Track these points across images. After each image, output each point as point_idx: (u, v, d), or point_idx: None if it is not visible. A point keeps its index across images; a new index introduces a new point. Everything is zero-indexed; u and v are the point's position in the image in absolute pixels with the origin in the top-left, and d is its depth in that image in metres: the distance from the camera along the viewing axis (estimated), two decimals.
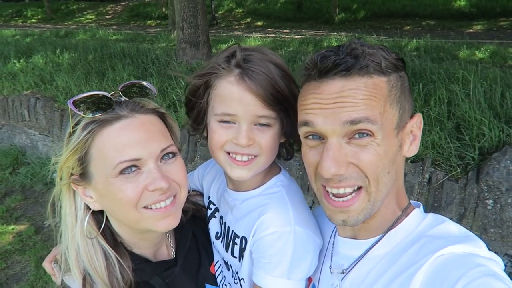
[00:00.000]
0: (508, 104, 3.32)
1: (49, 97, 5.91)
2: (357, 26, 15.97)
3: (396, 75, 0.83)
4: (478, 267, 0.71)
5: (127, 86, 1.00)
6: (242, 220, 1.08)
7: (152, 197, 0.95)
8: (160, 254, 1.13)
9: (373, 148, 0.80)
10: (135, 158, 0.92)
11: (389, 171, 0.83)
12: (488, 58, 7.29)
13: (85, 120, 0.94)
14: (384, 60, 0.80)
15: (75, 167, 0.96)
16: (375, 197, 0.83)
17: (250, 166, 1.00)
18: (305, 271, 1.00)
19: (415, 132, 0.88)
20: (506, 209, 2.72)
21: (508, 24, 14.07)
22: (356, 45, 0.82)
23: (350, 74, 0.79)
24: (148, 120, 0.97)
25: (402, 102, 0.83)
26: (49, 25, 21.33)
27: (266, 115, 0.96)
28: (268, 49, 1.05)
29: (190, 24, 6.76)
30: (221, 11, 21.87)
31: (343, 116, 0.78)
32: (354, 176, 0.81)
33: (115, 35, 12.67)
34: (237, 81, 0.94)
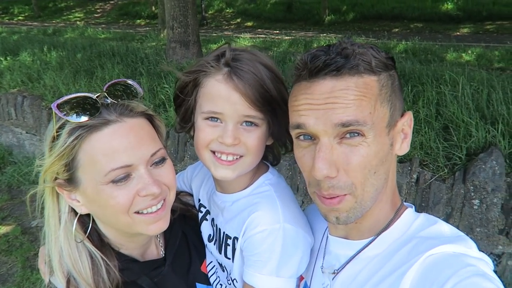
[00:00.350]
0: (494, 106, 3.38)
1: (37, 95, 5.83)
2: (346, 27, 16.10)
3: (387, 74, 0.83)
4: (468, 267, 0.71)
5: (113, 85, 0.98)
6: (232, 221, 1.08)
7: (144, 202, 0.94)
8: (148, 253, 1.11)
9: (363, 148, 0.80)
10: (126, 165, 0.90)
11: (376, 172, 0.82)
12: (474, 60, 7.42)
13: (71, 125, 0.90)
14: (374, 59, 0.80)
15: (61, 172, 0.93)
16: (362, 198, 0.84)
17: (234, 166, 1.00)
18: (294, 268, 1.01)
19: (406, 130, 0.88)
20: (492, 209, 2.77)
21: (494, 27, 14.33)
22: (347, 44, 0.82)
23: (341, 74, 0.79)
24: (137, 124, 0.95)
25: (393, 100, 0.83)
26: (37, 23, 21.02)
27: (253, 115, 0.95)
28: (258, 50, 1.05)
29: (180, 23, 6.73)
30: (211, 11, 21.82)
31: (334, 118, 0.78)
32: (341, 185, 0.82)
33: (104, 33, 12.55)
34: (225, 80, 0.94)
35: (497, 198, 2.76)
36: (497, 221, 2.79)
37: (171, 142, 4.32)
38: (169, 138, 4.33)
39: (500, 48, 8.79)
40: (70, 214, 0.99)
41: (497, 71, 6.07)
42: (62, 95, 4.05)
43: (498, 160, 2.78)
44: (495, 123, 3.08)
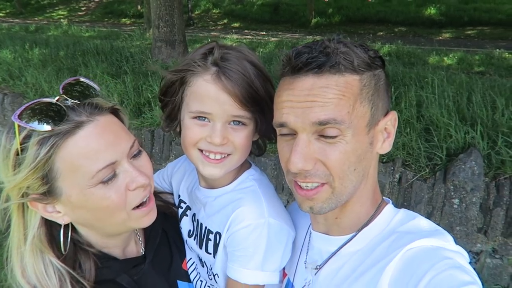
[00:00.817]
0: (474, 108, 3.47)
1: (18, 93, 5.72)
2: (332, 30, 16.23)
3: (370, 74, 0.83)
4: (445, 259, 0.73)
5: (69, 85, 0.93)
6: (215, 216, 1.08)
7: (138, 196, 0.93)
8: (128, 251, 1.10)
9: (341, 145, 0.81)
10: (111, 162, 0.88)
11: (355, 168, 0.84)
12: (456, 64, 7.59)
13: (38, 135, 0.84)
14: (357, 58, 0.81)
15: (36, 186, 0.87)
16: (340, 191, 0.85)
17: (222, 164, 1.00)
18: (278, 262, 1.02)
19: (389, 130, 0.89)
20: (471, 208, 2.85)
21: (475, 32, 14.67)
22: (331, 42, 0.82)
23: (322, 72, 0.79)
24: (109, 120, 0.93)
25: (375, 100, 0.84)
26: (18, 20, 20.58)
27: (241, 115, 0.96)
28: (245, 47, 1.05)
29: (166, 22, 6.70)
30: (197, 11, 21.72)
31: (312, 116, 0.80)
32: (319, 174, 0.83)
33: (88, 32, 12.37)
34: (213, 80, 0.93)
35: (476, 198, 2.83)
36: (476, 220, 2.86)
37: (156, 141, 4.29)
38: (154, 137, 4.30)
39: (480, 52, 9.01)
40: (40, 229, 0.93)
41: (477, 74, 6.22)
42: (45, 93, 3.98)
43: (477, 161, 2.86)
44: (475, 125, 3.16)
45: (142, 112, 4.60)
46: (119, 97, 4.88)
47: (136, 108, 4.71)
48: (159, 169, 1.44)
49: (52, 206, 0.91)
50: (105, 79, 5.44)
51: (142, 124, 4.42)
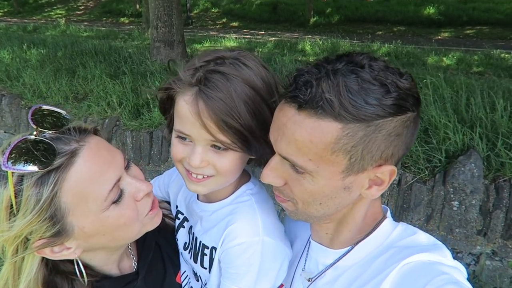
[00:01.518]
0: (473, 109, 3.46)
1: (16, 94, 5.70)
2: (331, 29, 16.22)
3: (362, 124, 0.72)
4: (442, 275, 0.73)
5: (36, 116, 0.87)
6: (211, 231, 1.06)
7: (146, 203, 0.94)
8: (121, 267, 1.07)
9: (306, 182, 0.79)
10: (117, 179, 0.87)
11: (321, 203, 0.82)
12: (454, 64, 7.59)
13: (32, 176, 0.78)
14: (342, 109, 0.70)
15: (43, 230, 0.81)
16: (303, 212, 0.86)
17: (204, 183, 0.97)
18: (271, 281, 1.00)
19: (383, 179, 0.80)
20: (471, 210, 2.84)
21: (474, 32, 14.69)
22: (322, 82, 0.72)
23: (301, 109, 0.74)
24: (96, 140, 0.90)
25: (357, 151, 0.74)
26: (16, 19, 20.53)
27: (221, 140, 0.89)
28: (251, 56, 0.96)
29: (164, 23, 6.68)
30: (196, 11, 21.70)
31: (278, 147, 0.80)
32: (285, 193, 0.86)
33: (86, 31, 12.34)
34: (191, 102, 0.88)
35: (475, 200, 2.83)
36: (476, 222, 2.86)
37: (154, 142, 4.28)
38: (153, 139, 4.29)
39: (479, 52, 9.02)
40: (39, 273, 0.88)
41: (476, 75, 6.22)
42: (43, 94, 3.97)
43: (477, 163, 2.85)
44: (474, 127, 3.16)
45: (141, 114, 4.59)
46: (118, 98, 4.87)
47: (134, 110, 4.69)
48: (157, 171, 1.42)
49: (59, 245, 0.86)
50: (104, 80, 5.42)
51: (140, 125, 4.40)
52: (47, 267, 0.91)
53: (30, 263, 0.87)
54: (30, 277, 0.87)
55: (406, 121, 0.75)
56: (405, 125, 0.75)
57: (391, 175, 0.80)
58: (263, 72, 0.94)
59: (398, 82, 0.73)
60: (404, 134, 0.76)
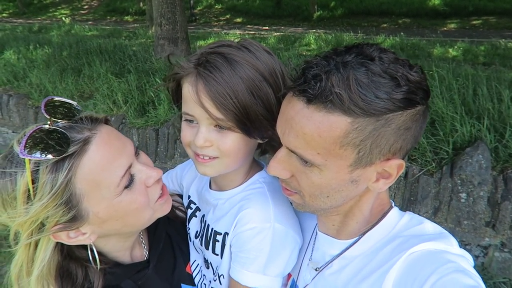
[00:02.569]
0: (480, 101, 3.43)
1: (23, 94, 5.74)
2: (335, 23, 16.13)
3: (371, 119, 0.72)
4: (449, 263, 0.73)
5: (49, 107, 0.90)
6: (224, 218, 1.08)
7: (156, 189, 0.97)
8: (133, 255, 1.10)
9: (314, 175, 0.80)
10: (128, 166, 0.90)
11: (328, 196, 0.83)
12: (460, 55, 7.51)
13: (47, 163, 0.81)
14: (351, 103, 0.70)
15: (58, 216, 0.83)
16: (310, 204, 0.86)
17: (211, 164, 0.99)
18: (281, 267, 1.01)
19: (391, 172, 0.80)
20: (478, 202, 2.82)
21: (480, 23, 14.52)
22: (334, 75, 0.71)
23: (311, 103, 0.74)
24: (107, 129, 0.93)
25: (366, 145, 0.74)
26: (21, 20, 20.65)
27: (221, 118, 0.92)
28: (255, 42, 0.99)
29: (168, 20, 6.68)
30: (199, 7, 21.68)
31: (285, 141, 0.80)
32: (292, 185, 0.87)
33: (91, 30, 12.39)
34: (193, 82, 0.93)
35: (483, 192, 2.81)
36: (484, 213, 2.84)
37: (161, 140, 4.29)
38: (159, 136, 4.31)
39: (486, 43, 8.92)
40: (52, 259, 0.91)
41: (483, 66, 6.16)
42: (49, 93, 4.01)
43: (484, 154, 2.83)
44: (481, 118, 3.13)
45: (147, 111, 4.61)
46: (123, 96, 4.89)
47: (140, 107, 4.71)
48: (163, 168, 1.45)
49: (75, 230, 0.89)
50: (109, 78, 5.44)
51: (146, 123, 4.42)
52: (62, 253, 0.93)
53: (44, 249, 0.89)
54: (44, 262, 0.89)
55: (415, 115, 0.75)
56: (415, 119, 0.75)
57: (398, 168, 0.79)
58: (266, 56, 0.97)
59: (409, 75, 0.72)
60: (413, 128, 0.76)
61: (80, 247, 0.96)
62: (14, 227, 0.85)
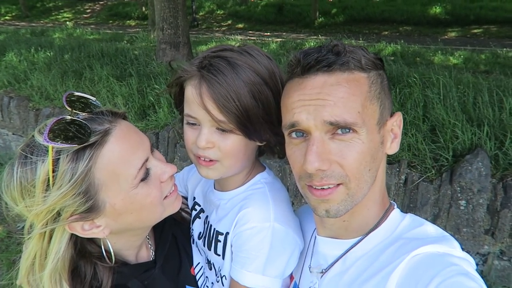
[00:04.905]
0: (480, 108, 3.43)
1: (24, 96, 5.75)
2: (336, 30, 16.21)
3: (376, 73, 0.85)
4: (452, 266, 0.73)
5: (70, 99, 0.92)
6: (225, 218, 1.09)
7: (168, 185, 0.99)
8: (140, 255, 1.11)
9: (357, 145, 0.80)
10: (145, 159, 0.92)
11: (370, 169, 0.83)
12: (461, 63, 7.53)
13: (69, 151, 0.81)
14: (363, 57, 0.83)
15: (75, 206, 0.83)
16: (355, 192, 0.84)
17: (213, 167, 1.01)
18: (281, 268, 1.01)
19: (395, 131, 0.89)
20: (478, 210, 2.82)
21: (481, 31, 14.58)
22: (338, 43, 0.84)
23: (332, 70, 0.80)
24: (126, 123, 0.96)
25: (382, 98, 0.85)
26: (24, 23, 20.75)
27: (223, 121, 0.94)
28: (255, 47, 1.02)
29: (170, 24, 6.71)
30: (202, 13, 21.78)
31: (324, 115, 0.79)
32: (335, 175, 0.81)
33: (93, 34, 12.45)
34: (196, 85, 0.95)
35: (483, 199, 2.80)
36: (483, 221, 2.83)
37: (161, 143, 4.30)
38: (159, 140, 4.31)
39: (486, 51, 8.94)
40: (66, 252, 0.90)
41: (483, 74, 6.17)
42: (50, 96, 4.00)
43: (484, 162, 2.83)
44: (481, 125, 3.13)
45: (147, 115, 4.61)
46: (124, 99, 4.90)
47: (140, 111, 4.72)
48: None
49: (90, 222, 0.89)
50: (110, 82, 5.46)
51: (146, 126, 4.43)
52: (75, 248, 0.93)
53: (59, 240, 0.88)
54: (59, 255, 0.88)
55: (385, 74, 0.89)
56: (387, 78, 0.90)
57: (399, 122, 0.90)
58: (266, 61, 1.00)
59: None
60: (389, 87, 0.90)
61: (93, 242, 0.96)
62: (30, 217, 0.84)
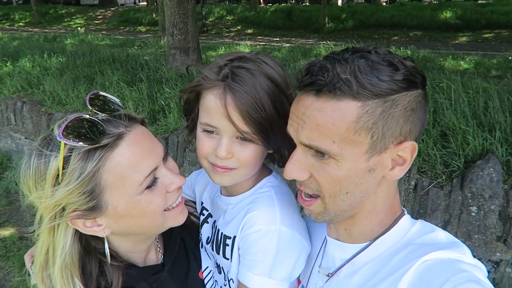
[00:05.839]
0: (491, 114, 3.39)
1: (36, 101, 5.84)
2: (346, 35, 16.17)
3: (379, 101, 0.76)
4: (462, 272, 0.72)
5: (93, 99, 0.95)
6: (232, 221, 1.10)
7: (173, 196, 0.98)
8: (149, 258, 1.12)
9: (332, 169, 0.80)
10: (154, 168, 0.93)
11: (348, 192, 0.82)
12: (472, 68, 7.45)
13: (80, 150, 0.84)
14: (359, 87, 0.74)
15: (80, 203, 0.86)
16: (331, 208, 0.85)
17: (229, 174, 1.02)
18: (287, 271, 1.01)
19: (404, 158, 0.82)
20: (489, 216, 2.78)
21: (492, 36, 14.42)
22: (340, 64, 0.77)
23: (320, 95, 0.78)
24: (142, 129, 0.97)
25: (378, 128, 0.77)
26: (37, 29, 21.10)
27: (247, 131, 0.95)
28: (269, 56, 1.04)
29: (180, 30, 6.77)
30: (211, 18, 21.93)
31: (300, 136, 0.81)
32: (311, 187, 0.85)
33: (104, 40, 12.60)
34: (220, 95, 0.95)
35: (494, 205, 2.76)
36: (495, 228, 2.79)
37: (170, 148, 4.32)
38: (168, 145, 4.34)
39: (498, 56, 8.84)
40: (73, 247, 0.92)
41: (495, 79, 6.10)
42: (62, 101, 4.07)
43: (496, 167, 2.79)
44: (493, 131, 3.09)
45: (157, 119, 4.65)
46: (134, 104, 4.95)
47: (150, 115, 4.76)
48: None
49: (92, 221, 0.91)
50: (121, 87, 5.52)
51: (156, 131, 4.46)
52: (81, 244, 0.95)
53: (64, 235, 0.91)
54: (66, 250, 0.91)
55: (417, 97, 0.80)
56: (418, 100, 0.80)
57: (412, 152, 0.82)
58: (280, 70, 1.01)
59: (404, 61, 0.79)
60: (418, 110, 0.80)
61: (97, 239, 0.97)
62: (40, 209, 0.88)
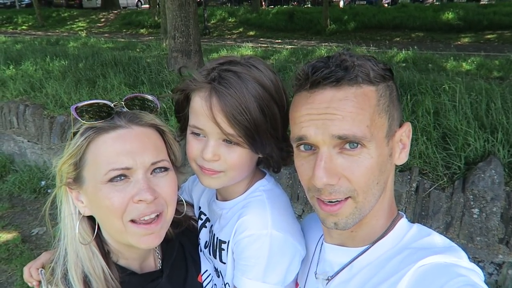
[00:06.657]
0: (493, 115, 3.39)
1: (39, 104, 5.87)
2: (347, 37, 16.18)
3: (384, 85, 0.84)
4: (459, 277, 0.72)
5: (132, 98, 1.03)
6: (226, 226, 1.10)
7: (138, 209, 0.93)
8: (146, 265, 1.12)
9: (366, 159, 0.81)
10: (126, 167, 0.92)
11: (378, 182, 0.84)
12: (474, 69, 7.44)
13: (84, 126, 0.97)
14: (372, 70, 0.82)
15: (70, 171, 0.98)
16: (363, 205, 0.84)
17: (217, 176, 1.02)
18: (281, 275, 1.01)
19: (404, 141, 0.90)
20: (491, 218, 2.77)
21: (495, 37, 14.39)
22: (346, 56, 0.83)
23: (340, 85, 0.80)
24: (144, 133, 0.98)
25: (390, 111, 0.85)
26: (40, 32, 21.22)
27: (232, 134, 0.95)
28: (261, 61, 1.04)
29: (182, 33, 6.79)
30: (213, 21, 21.98)
31: (332, 129, 0.79)
32: (343, 190, 0.82)
33: (106, 43, 12.66)
34: (206, 98, 0.95)
35: (496, 207, 2.75)
36: (497, 230, 2.78)
37: None
38: None
39: (500, 57, 8.82)
40: (78, 216, 1.01)
41: (497, 80, 6.09)
42: (64, 104, 4.10)
43: (497, 169, 2.78)
44: (494, 132, 3.08)
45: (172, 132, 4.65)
46: None
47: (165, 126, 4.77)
48: None
49: (80, 194, 1.00)
50: (123, 90, 5.54)
51: None
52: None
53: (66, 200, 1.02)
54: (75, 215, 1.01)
55: (395, 85, 0.89)
56: (396, 88, 0.89)
57: (408, 132, 0.90)
58: (271, 75, 1.01)
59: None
60: (398, 97, 0.89)
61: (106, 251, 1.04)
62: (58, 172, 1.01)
